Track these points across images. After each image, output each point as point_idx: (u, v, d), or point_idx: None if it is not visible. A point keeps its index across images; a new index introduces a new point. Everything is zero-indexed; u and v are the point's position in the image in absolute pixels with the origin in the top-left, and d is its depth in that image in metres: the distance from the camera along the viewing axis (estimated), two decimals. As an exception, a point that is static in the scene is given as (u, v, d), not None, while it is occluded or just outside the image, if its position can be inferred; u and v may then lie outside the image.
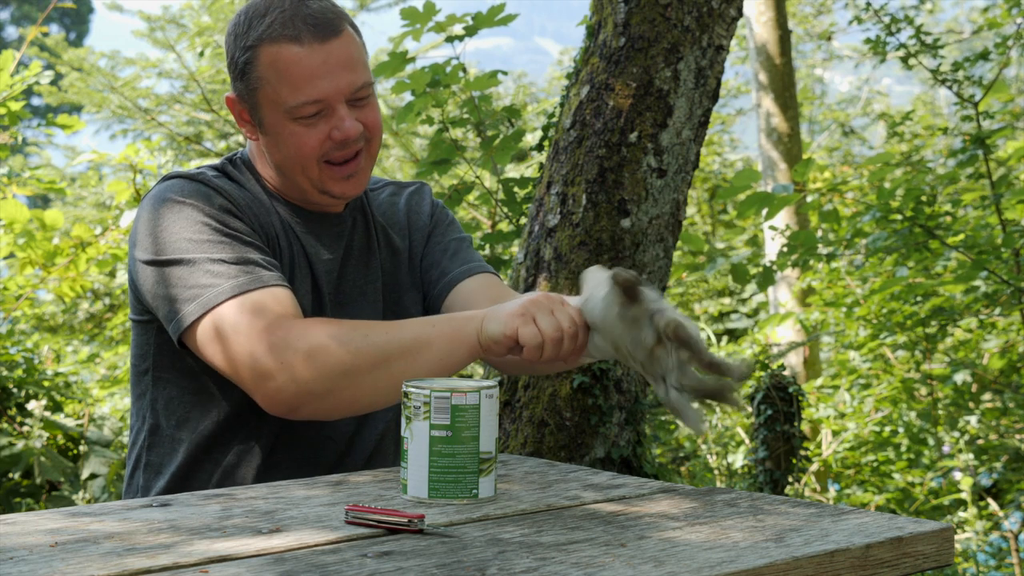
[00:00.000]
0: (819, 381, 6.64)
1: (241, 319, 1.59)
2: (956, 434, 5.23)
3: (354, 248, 1.84)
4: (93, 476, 4.01)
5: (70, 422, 4.22)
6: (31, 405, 4.14)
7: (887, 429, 5.82)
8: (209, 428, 1.74)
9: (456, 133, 3.82)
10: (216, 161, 1.85)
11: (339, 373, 1.55)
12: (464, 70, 3.56)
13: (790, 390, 3.65)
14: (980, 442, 5.23)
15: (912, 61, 4.48)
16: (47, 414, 4.16)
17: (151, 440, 1.79)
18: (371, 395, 1.60)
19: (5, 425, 4.10)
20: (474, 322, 1.58)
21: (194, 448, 1.75)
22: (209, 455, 1.74)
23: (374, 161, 1.79)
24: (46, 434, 4.07)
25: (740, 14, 2.99)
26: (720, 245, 11.11)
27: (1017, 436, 5.20)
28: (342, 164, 1.73)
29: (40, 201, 15.24)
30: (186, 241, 1.65)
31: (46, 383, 4.35)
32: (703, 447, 5.84)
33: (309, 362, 1.55)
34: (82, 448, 4.12)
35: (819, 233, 5.00)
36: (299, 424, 1.73)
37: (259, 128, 1.75)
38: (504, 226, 3.99)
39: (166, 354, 1.73)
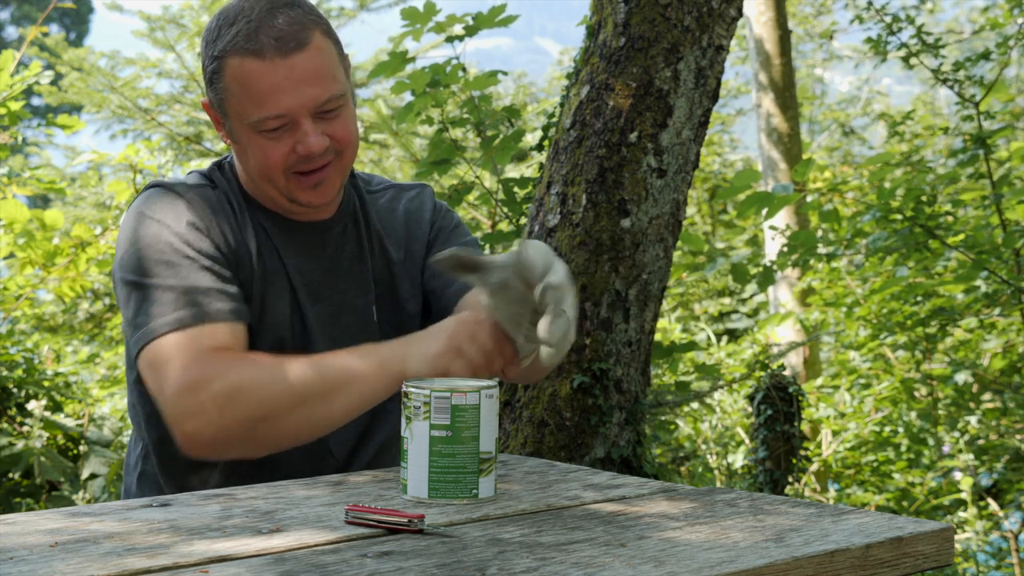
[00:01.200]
0: (819, 381, 6.65)
1: (173, 355, 1.57)
2: (956, 434, 5.23)
3: (343, 258, 1.79)
4: (93, 476, 4.01)
5: (70, 422, 4.22)
6: (31, 405, 4.14)
7: (887, 429, 5.82)
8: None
9: (456, 133, 3.82)
10: (206, 166, 1.82)
11: (258, 416, 1.53)
12: (464, 70, 3.56)
13: (790, 390, 3.65)
14: (980, 442, 5.23)
15: (913, 61, 4.48)
16: (47, 414, 4.16)
17: (146, 450, 1.78)
18: (294, 434, 1.58)
19: (5, 425, 4.10)
20: (397, 361, 1.55)
21: (184, 463, 1.73)
22: (198, 473, 1.73)
23: (346, 172, 1.74)
24: (46, 434, 4.07)
25: (740, 14, 2.99)
26: (720, 245, 11.12)
27: (1017, 436, 5.20)
28: (309, 174, 1.69)
29: (40, 201, 15.24)
30: (147, 261, 1.63)
31: (46, 383, 4.35)
32: (703, 447, 5.84)
33: (227, 404, 1.52)
34: (82, 448, 4.12)
35: (819, 233, 4.99)
36: None
37: (230, 135, 1.73)
38: (504, 226, 3.99)
39: None
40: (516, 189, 3.53)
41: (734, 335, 10.19)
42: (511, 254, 1.46)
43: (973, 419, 5.22)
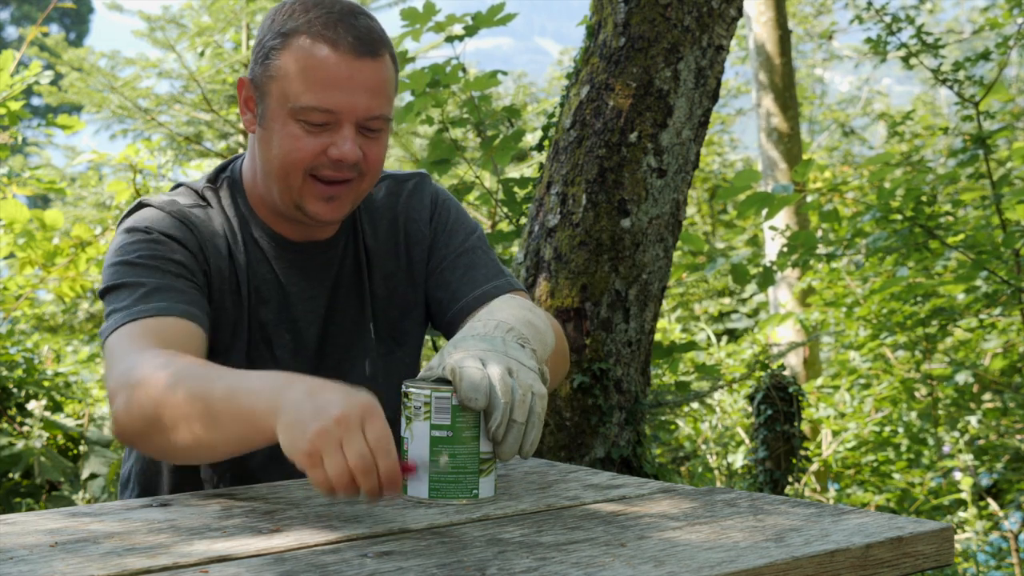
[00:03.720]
0: (819, 381, 6.65)
1: (118, 344, 1.54)
2: (956, 434, 5.23)
3: (344, 276, 1.76)
4: (93, 476, 4.01)
5: (70, 422, 4.22)
6: (31, 405, 4.15)
7: (887, 429, 5.82)
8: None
9: (456, 133, 3.83)
10: (198, 181, 1.77)
11: (151, 416, 1.43)
12: (464, 70, 3.56)
13: (790, 390, 3.65)
14: (980, 442, 5.24)
15: (913, 61, 4.48)
16: (47, 414, 4.16)
17: (143, 461, 1.79)
18: (180, 448, 1.44)
19: (5, 425, 4.10)
20: (268, 419, 1.33)
21: (176, 471, 1.73)
22: (195, 479, 1.73)
23: (359, 198, 1.69)
24: (46, 434, 4.07)
25: (740, 14, 2.99)
26: (720, 245, 11.13)
27: (1017, 436, 5.20)
28: (327, 183, 1.63)
29: (40, 201, 15.26)
30: (117, 268, 1.62)
31: (46, 383, 4.35)
32: (703, 447, 5.84)
33: (133, 397, 1.45)
34: (82, 448, 4.12)
35: (819, 233, 5.00)
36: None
37: (260, 119, 1.67)
38: (504, 226, 3.99)
39: None
40: (516, 189, 3.53)
41: (734, 335, 10.19)
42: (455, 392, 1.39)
43: (973, 419, 5.22)
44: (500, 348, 1.43)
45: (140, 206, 1.71)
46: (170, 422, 1.41)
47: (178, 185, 1.77)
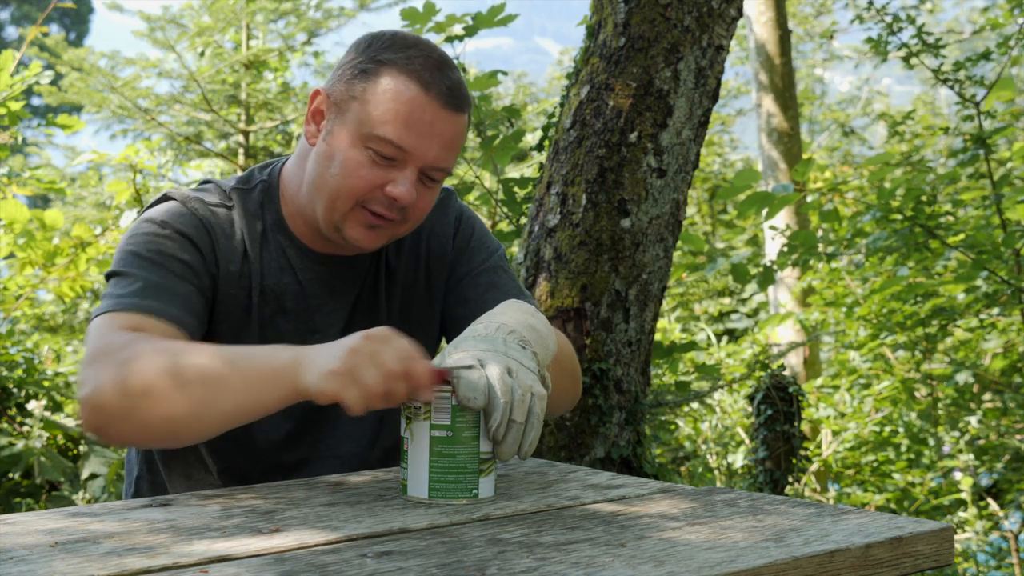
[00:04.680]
0: (819, 381, 6.65)
1: (97, 330, 1.52)
2: (956, 434, 5.23)
3: (365, 291, 1.77)
4: (93, 476, 4.01)
5: (70, 422, 4.22)
6: (31, 405, 4.15)
7: (887, 429, 5.82)
8: (192, 457, 1.72)
9: (456, 133, 3.82)
10: (228, 180, 1.77)
11: (138, 391, 1.41)
12: (464, 70, 3.56)
13: (790, 390, 3.65)
14: (980, 442, 5.24)
15: (913, 61, 4.48)
16: (47, 414, 4.16)
17: (148, 464, 1.78)
18: (168, 421, 1.43)
19: (5, 425, 4.10)
20: (292, 368, 1.41)
21: (181, 478, 1.73)
22: (202, 478, 1.73)
23: (396, 237, 1.71)
24: (46, 434, 4.07)
25: (740, 14, 2.99)
26: (720, 245, 11.13)
27: (1017, 436, 5.20)
28: (373, 214, 1.65)
29: (40, 201, 15.28)
30: (125, 255, 1.63)
31: (46, 383, 4.35)
32: (703, 447, 5.84)
33: (116, 375, 1.43)
34: (82, 448, 4.12)
35: (819, 233, 5.00)
36: (295, 454, 1.71)
37: (325, 134, 1.66)
38: (504, 226, 3.99)
39: None
40: (516, 189, 3.53)
41: (734, 335, 10.20)
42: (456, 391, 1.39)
43: (973, 419, 5.22)
44: (500, 349, 1.43)
45: (164, 198, 1.71)
46: (168, 390, 1.40)
47: (206, 181, 1.78)
